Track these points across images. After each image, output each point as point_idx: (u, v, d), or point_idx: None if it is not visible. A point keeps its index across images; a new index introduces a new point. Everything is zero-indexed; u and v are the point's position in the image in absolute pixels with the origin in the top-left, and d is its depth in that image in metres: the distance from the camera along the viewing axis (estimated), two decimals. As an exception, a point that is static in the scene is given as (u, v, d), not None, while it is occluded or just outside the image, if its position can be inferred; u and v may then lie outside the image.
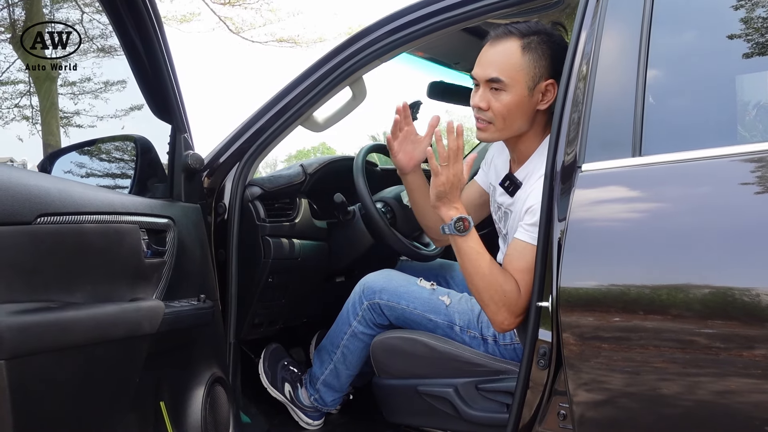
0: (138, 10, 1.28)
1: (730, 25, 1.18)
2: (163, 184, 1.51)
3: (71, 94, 4.61)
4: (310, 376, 1.85)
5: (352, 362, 1.76)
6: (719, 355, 0.99)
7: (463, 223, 1.40)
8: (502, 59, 1.45)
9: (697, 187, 1.10)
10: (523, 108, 1.46)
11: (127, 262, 1.21)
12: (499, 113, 1.46)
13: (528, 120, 1.48)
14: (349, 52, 1.61)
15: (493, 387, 1.50)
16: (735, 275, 1.00)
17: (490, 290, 1.38)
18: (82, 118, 4.67)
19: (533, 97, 1.45)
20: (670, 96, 1.21)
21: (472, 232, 1.42)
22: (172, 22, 11.27)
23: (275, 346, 1.94)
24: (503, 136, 1.51)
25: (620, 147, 1.15)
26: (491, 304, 1.39)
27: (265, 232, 1.75)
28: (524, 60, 1.43)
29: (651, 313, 1.04)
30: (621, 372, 1.08)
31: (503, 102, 1.45)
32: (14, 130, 4.15)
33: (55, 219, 1.01)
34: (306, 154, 41.20)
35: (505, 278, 1.38)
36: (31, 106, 4.44)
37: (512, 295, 1.36)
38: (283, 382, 1.87)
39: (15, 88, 4.40)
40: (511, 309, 1.37)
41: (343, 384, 1.81)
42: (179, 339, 1.36)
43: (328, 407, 1.85)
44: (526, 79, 1.44)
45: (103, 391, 1.10)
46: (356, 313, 1.71)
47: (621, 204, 1.16)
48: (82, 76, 4.42)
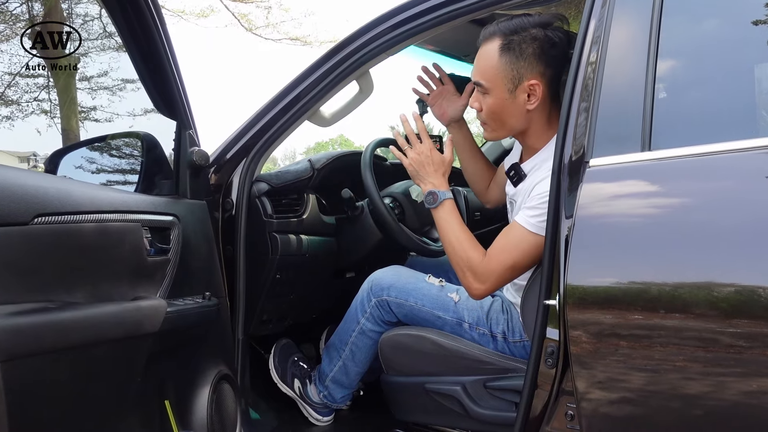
0: (138, 5, 1.27)
1: (745, 12, 1.13)
2: (169, 181, 1.51)
3: (89, 89, 4.64)
4: (319, 372, 1.85)
5: (360, 359, 1.76)
6: (732, 354, 0.96)
7: (432, 196, 1.52)
8: (483, 62, 1.44)
9: (709, 183, 1.06)
10: (508, 110, 1.45)
11: (129, 261, 1.20)
12: (488, 115, 1.48)
13: (521, 119, 1.46)
14: (355, 46, 1.59)
15: (502, 385, 1.48)
16: (749, 273, 0.96)
17: (455, 256, 1.47)
18: (99, 113, 4.70)
19: (517, 98, 1.42)
20: (681, 88, 1.17)
21: (444, 204, 1.52)
22: (190, 16, 11.35)
23: (285, 341, 1.93)
24: (502, 135, 1.53)
25: (629, 141, 1.11)
26: (458, 269, 1.47)
27: (272, 228, 1.74)
28: (501, 62, 1.41)
29: (660, 311, 1.01)
30: (630, 372, 1.05)
31: (488, 105, 1.46)
32: (34, 125, 4.19)
33: (53, 219, 1.00)
34: (324, 147, 41.29)
35: (471, 246, 1.46)
36: (50, 101, 4.47)
37: (475, 261, 1.43)
38: (293, 378, 1.87)
39: (35, 81, 4.44)
40: (474, 274, 1.44)
41: (352, 381, 1.80)
42: (183, 337, 1.36)
43: (338, 404, 1.85)
44: (504, 82, 1.42)
45: (103, 391, 1.10)
46: (364, 310, 1.70)
47: (630, 200, 1.12)
48: (100, 71, 4.45)
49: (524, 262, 1.39)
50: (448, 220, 1.50)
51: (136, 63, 1.40)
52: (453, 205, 1.53)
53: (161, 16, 1.34)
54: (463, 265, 1.45)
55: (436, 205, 1.52)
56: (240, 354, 1.69)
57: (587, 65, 1.20)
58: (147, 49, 1.36)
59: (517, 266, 1.40)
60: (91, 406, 1.08)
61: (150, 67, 1.40)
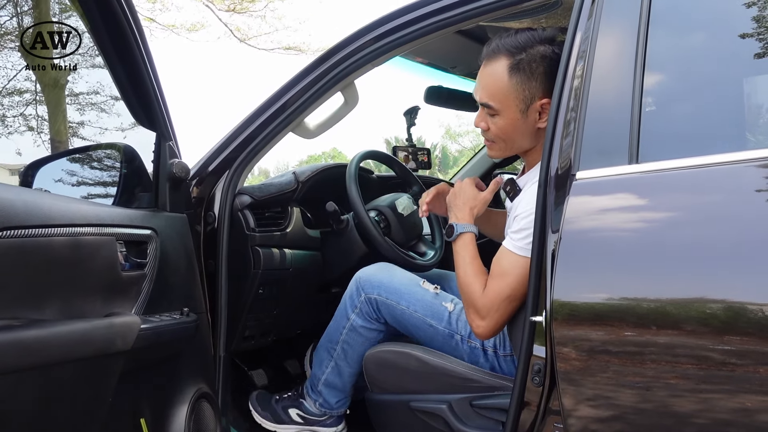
0: (114, 14, 1.24)
1: (731, 25, 1.12)
2: (148, 193, 1.47)
3: (77, 104, 4.60)
4: (310, 381, 1.78)
5: (353, 358, 1.68)
6: (722, 370, 0.93)
7: (450, 229, 1.51)
8: (491, 83, 1.40)
9: (697, 195, 1.04)
10: (519, 129, 1.42)
11: (102, 276, 1.16)
12: (497, 136, 1.45)
13: (530, 137, 1.44)
14: (339, 57, 1.57)
15: (488, 404, 1.44)
16: (737, 287, 0.94)
17: (462, 292, 1.45)
18: (87, 129, 4.66)
19: (528, 117, 1.40)
20: (668, 100, 1.15)
21: (461, 238, 1.49)
22: (181, 30, 11.33)
23: (257, 392, 1.85)
24: (510, 153, 1.51)
25: (616, 154, 1.09)
26: (465, 306, 1.46)
27: (254, 242, 1.70)
28: (512, 83, 1.38)
29: (648, 327, 0.99)
30: (617, 389, 1.02)
31: (498, 126, 1.43)
32: (24, 138, 4.14)
33: (19, 233, 0.96)
34: (317, 160, 41.32)
35: (477, 279, 1.43)
36: (37, 116, 4.43)
37: (476, 294, 1.40)
38: (286, 410, 1.79)
39: (21, 97, 4.40)
40: (476, 308, 1.40)
41: (345, 383, 1.72)
42: (160, 354, 1.32)
43: (335, 410, 1.76)
44: (516, 103, 1.39)
45: (71, 411, 1.05)
46: (354, 305, 1.64)
47: (617, 213, 1.10)
48: (89, 86, 4.42)
49: (522, 289, 1.33)
50: (460, 254, 1.48)
51: (114, 73, 1.37)
52: (470, 239, 1.49)
53: (139, 25, 1.31)
54: (467, 300, 1.43)
55: (453, 239, 1.50)
56: (221, 371, 1.64)
57: (573, 78, 1.18)
58: (125, 58, 1.33)
59: (515, 295, 1.36)
60: (57, 428, 1.03)
61: (128, 77, 1.36)
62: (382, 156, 2.11)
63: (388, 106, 55.40)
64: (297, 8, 31.28)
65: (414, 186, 2.10)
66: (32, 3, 2.98)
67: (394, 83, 61.28)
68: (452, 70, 2.19)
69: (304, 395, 1.79)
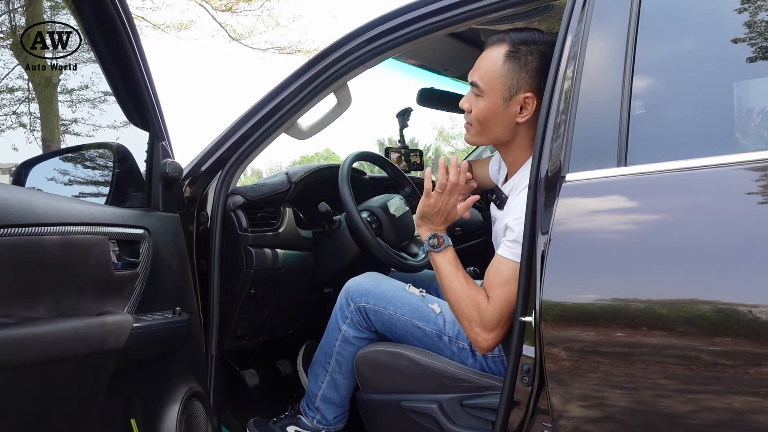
0: (107, 14, 1.24)
1: (720, 29, 1.14)
2: (141, 193, 1.47)
3: (69, 102, 4.58)
4: (307, 398, 1.77)
5: (347, 370, 1.67)
6: (711, 371, 0.95)
7: (437, 239, 1.47)
8: (485, 64, 1.43)
9: (685, 198, 1.05)
10: (498, 117, 1.43)
11: (94, 275, 1.17)
12: (475, 118, 1.45)
13: (507, 130, 1.44)
14: (332, 59, 1.57)
15: (478, 403, 1.45)
16: (724, 289, 0.95)
17: (462, 305, 1.40)
18: (80, 125, 4.63)
19: (510, 108, 1.41)
20: (657, 103, 1.16)
21: (448, 249, 1.47)
22: (170, 29, 11.23)
23: (254, 419, 1.82)
24: (482, 141, 1.50)
25: (605, 156, 1.11)
26: (464, 319, 1.41)
27: (246, 242, 1.71)
28: (503, 68, 1.40)
29: (635, 327, 1.00)
30: (605, 389, 1.04)
31: (479, 107, 1.44)
32: (17, 137, 4.11)
33: (12, 231, 0.97)
34: (310, 161, 41.26)
35: (477, 293, 1.39)
36: (30, 113, 4.41)
37: (483, 306, 1.37)
38: (285, 429, 1.77)
39: (14, 95, 4.37)
40: (483, 324, 1.37)
41: (343, 397, 1.72)
42: (152, 353, 1.32)
43: (332, 426, 1.75)
44: (501, 89, 1.40)
45: (62, 410, 1.06)
46: (345, 316, 1.65)
47: (606, 215, 1.11)
48: (81, 84, 4.39)
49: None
50: (448, 267, 1.44)
51: (108, 72, 1.37)
52: (452, 251, 1.47)
53: (133, 25, 1.31)
54: (470, 315, 1.39)
55: (441, 249, 1.46)
56: (213, 370, 1.65)
57: (564, 80, 1.19)
58: (119, 58, 1.33)
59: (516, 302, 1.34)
60: (49, 426, 1.03)
61: (121, 77, 1.37)
62: (375, 157, 2.12)
63: (381, 107, 55.14)
64: (291, 7, 31.15)
65: (406, 187, 2.11)
66: (25, 1, 2.97)
67: (387, 85, 61.17)
68: (445, 72, 2.20)
69: (302, 410, 1.78)
